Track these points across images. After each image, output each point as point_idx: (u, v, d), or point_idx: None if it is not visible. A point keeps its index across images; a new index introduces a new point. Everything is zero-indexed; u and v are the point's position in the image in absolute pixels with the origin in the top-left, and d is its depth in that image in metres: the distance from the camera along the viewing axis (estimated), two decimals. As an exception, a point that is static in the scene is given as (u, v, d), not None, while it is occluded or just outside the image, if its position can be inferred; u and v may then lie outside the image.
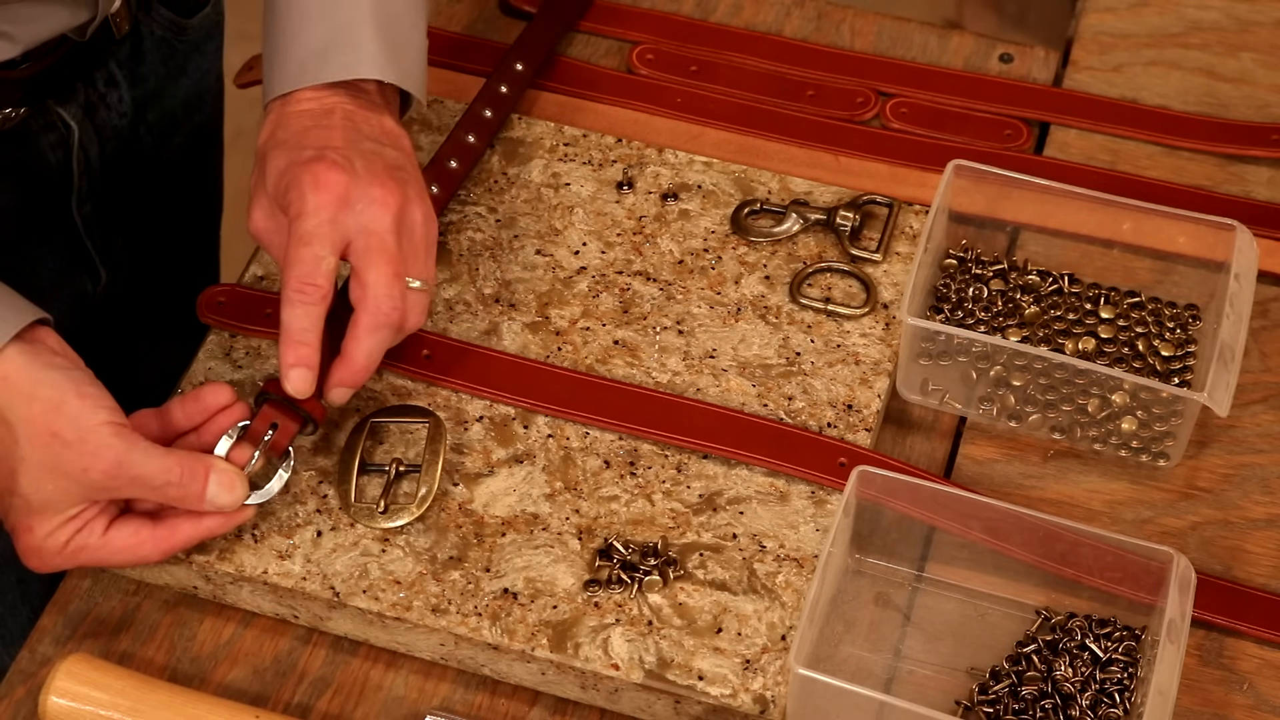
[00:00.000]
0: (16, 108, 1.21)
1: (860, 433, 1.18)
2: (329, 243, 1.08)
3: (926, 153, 1.35)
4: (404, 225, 1.10)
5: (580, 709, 1.10)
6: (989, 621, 1.12)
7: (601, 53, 1.43)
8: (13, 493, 1.05)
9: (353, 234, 1.09)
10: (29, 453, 1.03)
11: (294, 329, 1.08)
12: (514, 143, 1.33)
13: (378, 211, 1.09)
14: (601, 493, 1.15)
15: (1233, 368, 1.16)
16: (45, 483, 1.03)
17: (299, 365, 1.08)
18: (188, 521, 1.07)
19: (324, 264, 1.08)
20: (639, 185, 1.31)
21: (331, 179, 1.09)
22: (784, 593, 1.11)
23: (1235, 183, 1.35)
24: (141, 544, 1.07)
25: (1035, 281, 1.26)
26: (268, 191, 1.12)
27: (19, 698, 1.09)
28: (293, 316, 1.08)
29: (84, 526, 1.05)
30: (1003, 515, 1.11)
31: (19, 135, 1.23)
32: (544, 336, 1.23)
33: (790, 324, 1.23)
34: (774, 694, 1.07)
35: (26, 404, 1.03)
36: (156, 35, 1.32)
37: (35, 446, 1.03)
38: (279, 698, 1.09)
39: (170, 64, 1.35)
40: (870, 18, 1.46)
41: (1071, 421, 1.19)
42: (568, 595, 1.10)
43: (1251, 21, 1.45)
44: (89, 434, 1.03)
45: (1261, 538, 1.17)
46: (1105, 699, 1.07)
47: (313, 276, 1.08)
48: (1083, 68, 1.42)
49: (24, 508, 1.05)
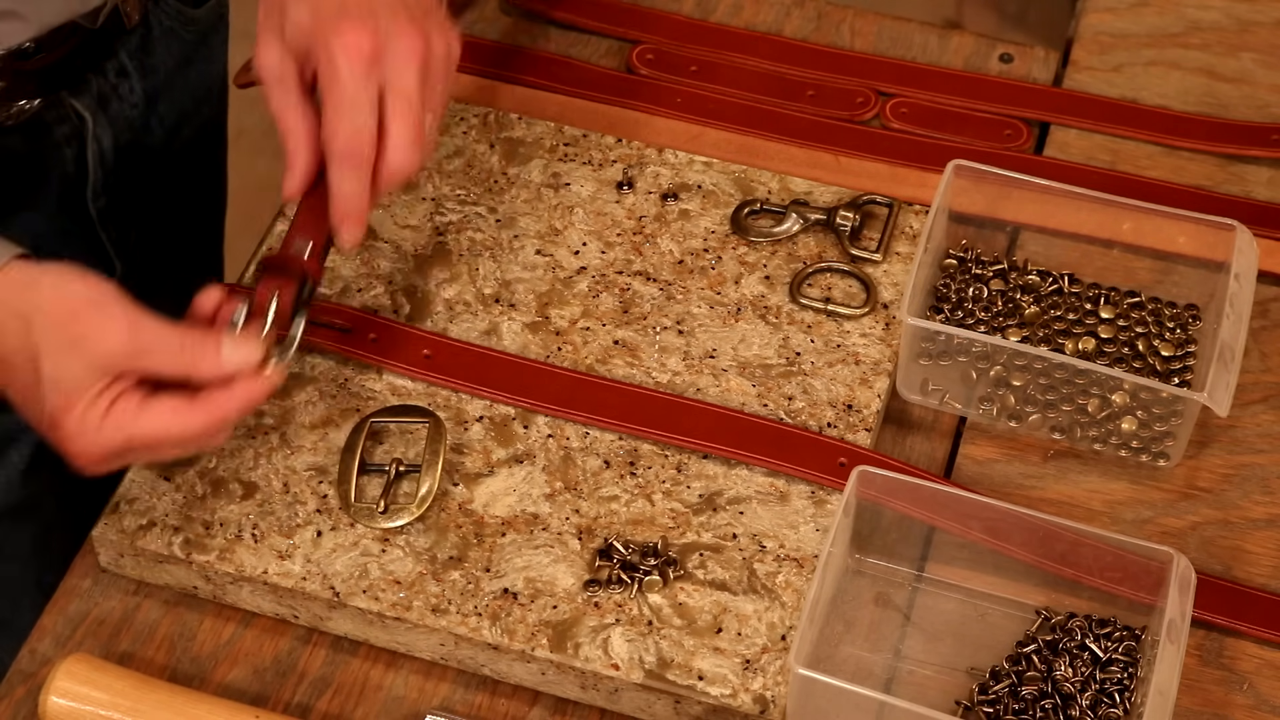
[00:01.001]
0: (31, 99, 1.21)
1: (860, 433, 1.18)
2: (368, 107, 1.09)
3: (926, 153, 1.35)
4: (428, 71, 1.11)
5: (580, 709, 1.10)
6: (989, 621, 1.12)
7: (601, 53, 1.43)
8: (39, 382, 1.04)
9: (382, 89, 1.10)
10: (47, 336, 1.03)
11: (344, 194, 1.09)
12: (514, 143, 1.33)
13: (403, 65, 1.10)
14: (601, 493, 1.15)
15: (1233, 368, 1.16)
16: (67, 360, 1.03)
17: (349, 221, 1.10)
18: (221, 391, 1.06)
19: (366, 130, 1.09)
20: (639, 185, 1.31)
21: (361, 42, 1.09)
22: (784, 593, 1.11)
23: (1235, 183, 1.35)
24: (179, 415, 1.05)
25: (1035, 281, 1.26)
26: (284, 39, 1.11)
27: (19, 698, 1.09)
28: (343, 181, 1.09)
29: (118, 398, 1.04)
30: (1003, 515, 1.11)
31: (34, 128, 1.24)
32: (544, 336, 1.23)
33: (790, 324, 1.23)
34: (774, 694, 1.07)
35: (37, 292, 1.04)
36: (165, 25, 1.32)
37: (52, 326, 1.03)
38: (279, 698, 1.09)
39: (178, 55, 1.35)
40: (870, 18, 1.46)
41: (1071, 421, 1.19)
42: (568, 595, 1.10)
43: (1251, 21, 1.45)
44: (102, 301, 1.03)
45: (1261, 538, 1.17)
46: (1105, 699, 1.07)
47: (358, 145, 1.09)
48: (1083, 68, 1.42)
49: (54, 391, 1.04)
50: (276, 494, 1.14)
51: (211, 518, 1.13)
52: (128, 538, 1.12)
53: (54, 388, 1.04)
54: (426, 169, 1.31)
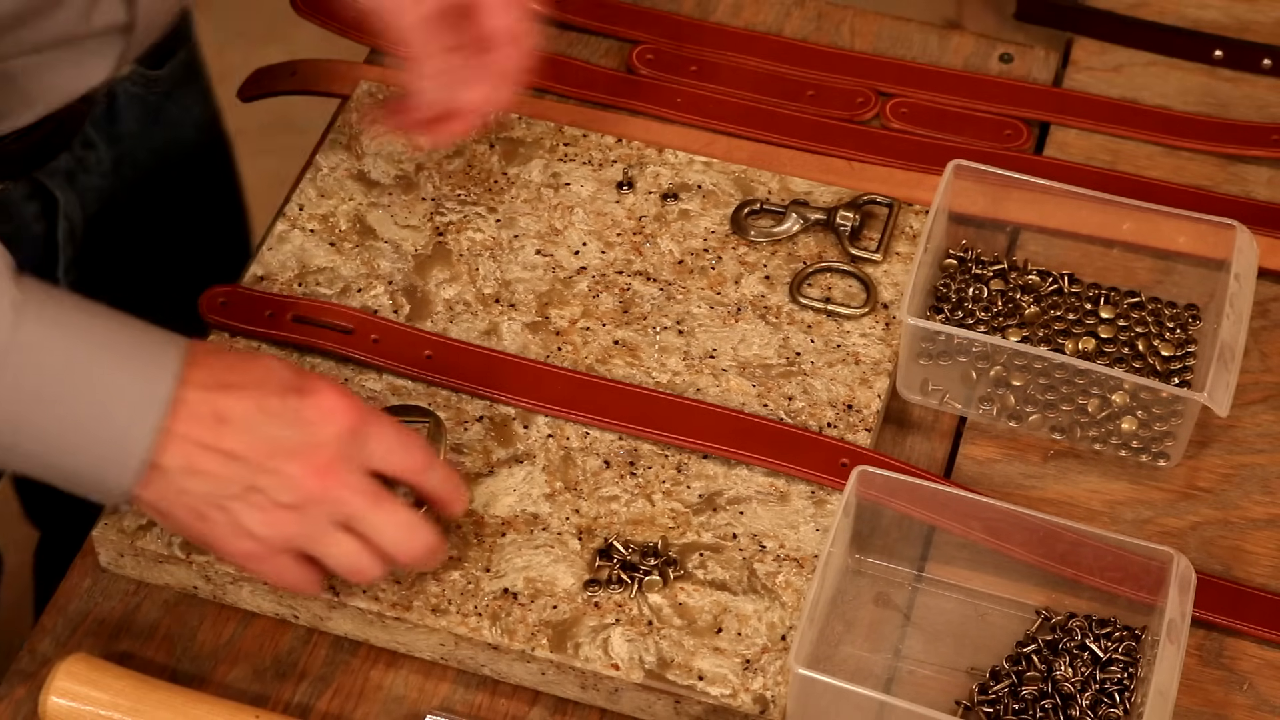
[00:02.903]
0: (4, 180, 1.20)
1: (860, 433, 1.18)
2: None
3: (926, 153, 1.35)
4: None
5: (580, 709, 1.10)
6: (989, 621, 1.12)
7: (601, 53, 1.43)
8: (254, 486, 1.01)
9: None
10: (268, 429, 1.00)
11: None
12: (514, 143, 1.33)
13: None
14: (601, 493, 1.15)
15: (1233, 368, 1.16)
16: (283, 436, 1.00)
17: None
18: None
19: None
20: (639, 185, 1.31)
21: None
22: (784, 593, 1.11)
23: (1235, 183, 1.35)
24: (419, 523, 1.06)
25: (1035, 281, 1.26)
26: None
27: (19, 698, 1.09)
28: None
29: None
30: (1003, 515, 1.11)
31: (3, 207, 1.22)
32: (544, 336, 1.23)
33: (790, 324, 1.24)
34: (774, 694, 1.07)
35: (216, 389, 1.00)
36: (130, 92, 1.31)
37: (270, 415, 1.00)
38: (279, 698, 1.09)
39: (144, 118, 1.33)
40: (870, 18, 1.46)
41: (1071, 421, 1.19)
42: (568, 595, 1.10)
43: (1252, 21, 1.45)
44: (297, 370, 1.02)
45: (1261, 538, 1.17)
46: (1105, 699, 1.07)
47: None
48: (1083, 68, 1.42)
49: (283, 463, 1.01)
50: (276, 494, 1.14)
51: (211, 518, 1.13)
52: (128, 538, 1.12)
53: (287, 457, 1.02)
54: (426, 169, 1.31)
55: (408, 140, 1.26)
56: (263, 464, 1.00)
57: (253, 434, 1.00)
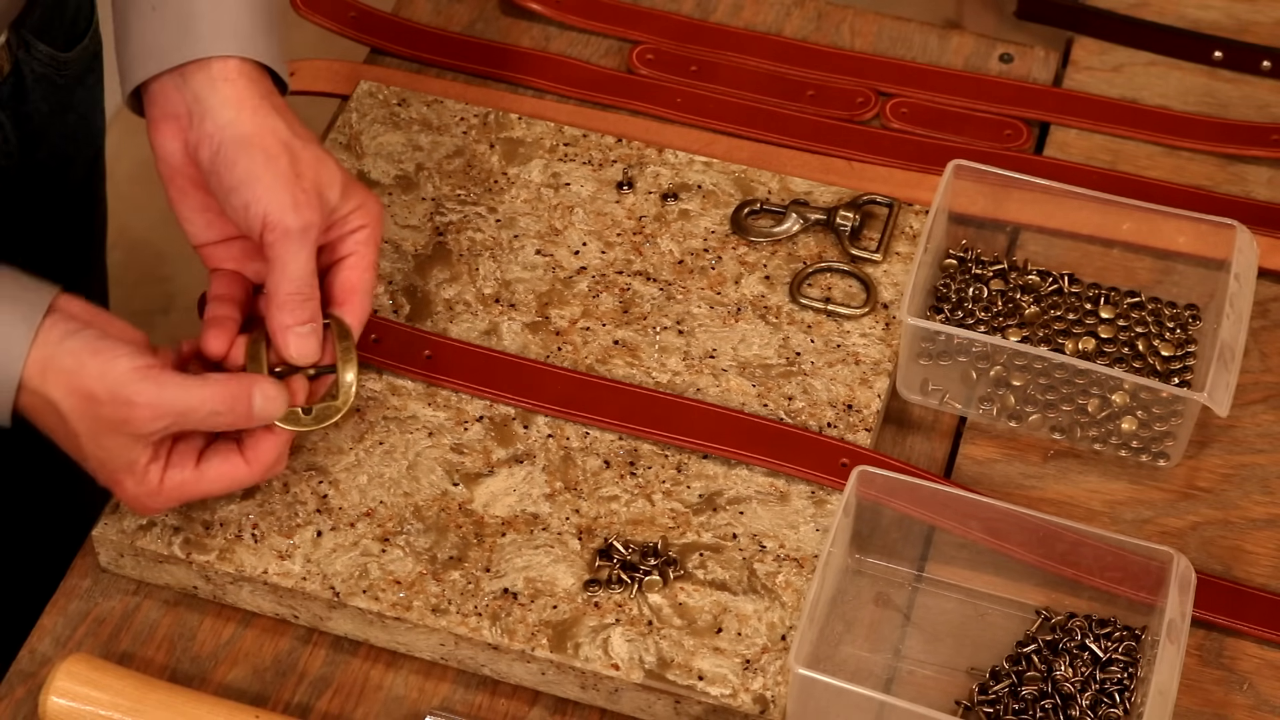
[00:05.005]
0: None
1: (860, 433, 1.18)
2: None
3: (926, 153, 1.35)
4: None
5: (580, 709, 1.10)
6: (989, 621, 1.12)
7: (601, 53, 1.43)
8: (86, 460, 1.07)
9: None
10: (78, 423, 1.05)
11: None
12: (514, 143, 1.33)
13: None
14: (601, 493, 1.15)
15: (1233, 368, 1.16)
16: (105, 442, 1.05)
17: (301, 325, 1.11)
18: (266, 436, 1.09)
19: None
20: (639, 185, 1.31)
21: None
22: (784, 593, 1.11)
23: (1235, 183, 1.35)
24: (234, 469, 1.08)
25: (1035, 281, 1.26)
26: (303, 187, 1.09)
27: (19, 698, 1.09)
28: None
29: (169, 466, 1.07)
30: (1003, 515, 1.11)
31: None
32: (544, 336, 1.23)
33: (790, 324, 1.24)
34: (774, 694, 1.07)
35: (56, 378, 1.05)
36: (37, 73, 1.29)
37: (79, 415, 1.05)
38: (279, 698, 1.09)
39: (53, 100, 1.32)
40: (870, 18, 1.46)
41: (1071, 421, 1.19)
42: (568, 595, 1.10)
43: (1251, 21, 1.45)
44: (116, 386, 1.04)
45: (1261, 538, 1.17)
46: (1105, 699, 1.07)
47: None
48: (1083, 68, 1.42)
49: (101, 469, 1.07)
50: (276, 494, 1.14)
51: (211, 517, 1.13)
52: (128, 537, 1.12)
53: (100, 465, 1.07)
54: (426, 169, 1.31)
55: None
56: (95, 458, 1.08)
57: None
